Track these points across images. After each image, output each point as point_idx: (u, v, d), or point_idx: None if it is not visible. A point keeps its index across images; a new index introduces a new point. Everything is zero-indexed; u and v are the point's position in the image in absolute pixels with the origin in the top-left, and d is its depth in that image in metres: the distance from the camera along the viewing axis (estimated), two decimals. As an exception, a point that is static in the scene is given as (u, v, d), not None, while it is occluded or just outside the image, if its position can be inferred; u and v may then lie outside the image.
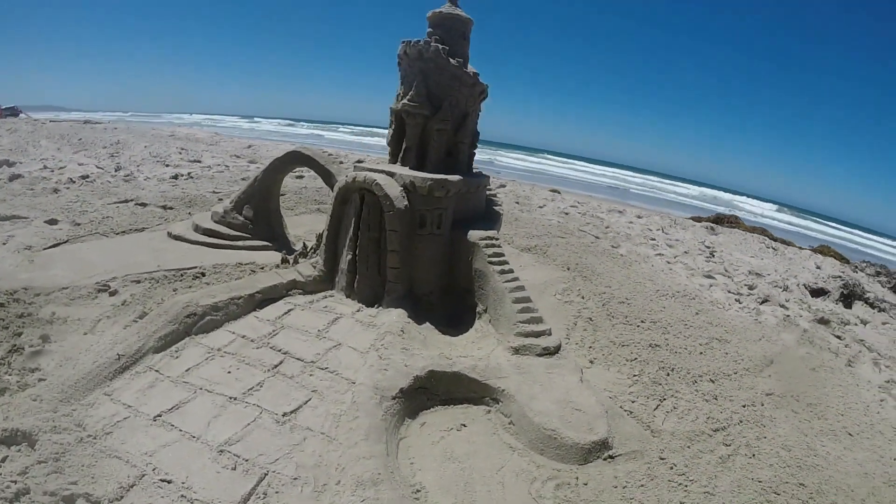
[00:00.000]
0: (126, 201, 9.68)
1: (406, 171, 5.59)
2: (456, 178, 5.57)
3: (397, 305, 5.26)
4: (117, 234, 7.72)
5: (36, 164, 12.56)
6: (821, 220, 54.69)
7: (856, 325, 7.71)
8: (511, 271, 5.28)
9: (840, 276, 9.83)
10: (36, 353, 4.29)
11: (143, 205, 9.49)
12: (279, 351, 4.49)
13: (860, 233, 51.63)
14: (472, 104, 6.05)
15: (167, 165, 14.52)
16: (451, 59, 5.64)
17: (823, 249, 15.02)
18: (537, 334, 4.79)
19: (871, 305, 8.66)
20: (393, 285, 5.39)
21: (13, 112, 33.77)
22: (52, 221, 7.92)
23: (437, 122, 5.72)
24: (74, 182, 10.99)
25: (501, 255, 5.40)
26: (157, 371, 4.11)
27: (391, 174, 5.52)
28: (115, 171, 12.85)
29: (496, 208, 6.71)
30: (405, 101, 5.77)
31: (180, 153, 17.22)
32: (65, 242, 7.12)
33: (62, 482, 2.91)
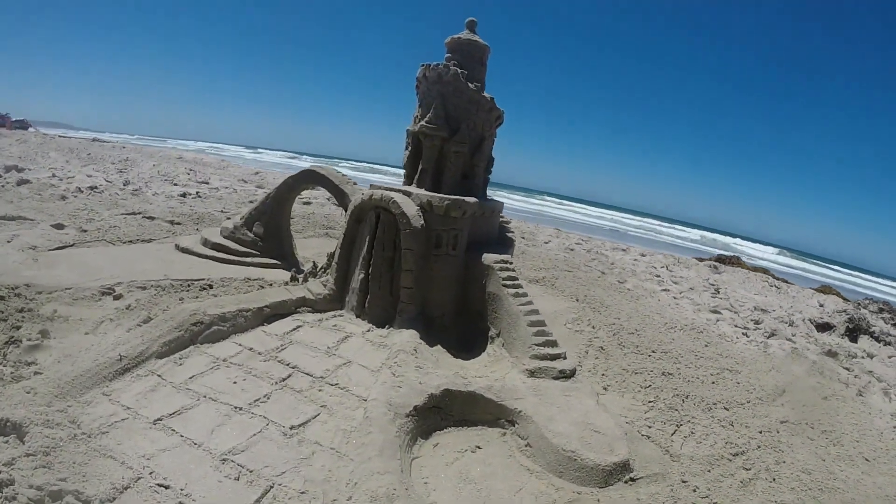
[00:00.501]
0: (134, 213, 9.66)
1: (422, 192, 5.58)
2: (472, 199, 5.59)
3: (409, 326, 5.15)
4: (124, 242, 7.65)
5: (44, 172, 12.62)
6: (821, 263, 55.59)
7: (863, 357, 7.77)
8: (525, 294, 5.23)
9: (845, 312, 9.89)
10: (34, 347, 4.13)
11: (151, 218, 9.47)
12: (287, 365, 4.35)
13: (861, 275, 52.43)
14: (489, 129, 6.12)
15: (175, 184, 14.61)
16: (469, 84, 5.76)
17: (825, 289, 15.14)
18: (553, 357, 4.69)
19: (877, 339, 8.70)
20: (405, 306, 5.29)
21: (22, 125, 34.33)
22: (59, 226, 7.87)
23: (455, 144, 5.76)
24: (82, 192, 11.00)
25: (516, 278, 5.37)
26: (159, 376, 3.96)
27: (408, 194, 5.52)
28: (124, 185, 12.91)
29: (509, 235, 6.73)
30: (423, 122, 5.81)
31: (188, 174, 17.39)
32: (71, 246, 7.04)
33: (50, 477, 2.73)
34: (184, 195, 12.76)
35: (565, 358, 4.81)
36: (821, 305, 11.31)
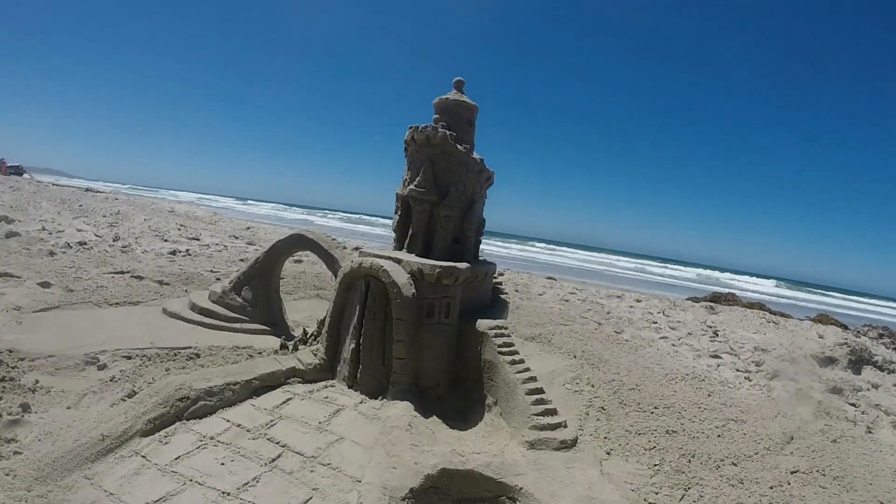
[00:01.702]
0: (122, 272, 9.57)
1: (413, 258, 5.52)
2: (464, 265, 5.53)
3: (403, 398, 5.05)
4: (111, 305, 7.54)
5: (35, 224, 12.57)
6: (816, 291, 56.28)
7: (868, 390, 7.73)
8: (522, 361, 5.15)
9: (846, 343, 9.84)
10: (14, 422, 3.99)
11: (139, 278, 9.38)
12: (277, 443, 4.21)
13: (857, 298, 52.81)
14: (479, 190, 6.15)
15: (165, 240, 14.58)
16: (458, 145, 5.79)
17: (822, 318, 15.15)
18: (553, 427, 4.55)
19: (881, 368, 8.67)
20: (398, 377, 5.21)
21: (18, 171, 34.44)
22: (45, 284, 7.76)
23: (445, 208, 5.74)
24: (71, 247, 10.92)
25: (511, 344, 5.30)
26: (143, 457, 3.81)
27: (398, 261, 5.47)
28: (114, 241, 12.86)
29: (502, 296, 6.73)
30: (412, 186, 5.79)
31: (179, 229, 17.41)
32: (56, 307, 6.92)
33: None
34: (174, 252, 12.71)
35: (566, 426, 4.69)
36: (820, 337, 11.29)
